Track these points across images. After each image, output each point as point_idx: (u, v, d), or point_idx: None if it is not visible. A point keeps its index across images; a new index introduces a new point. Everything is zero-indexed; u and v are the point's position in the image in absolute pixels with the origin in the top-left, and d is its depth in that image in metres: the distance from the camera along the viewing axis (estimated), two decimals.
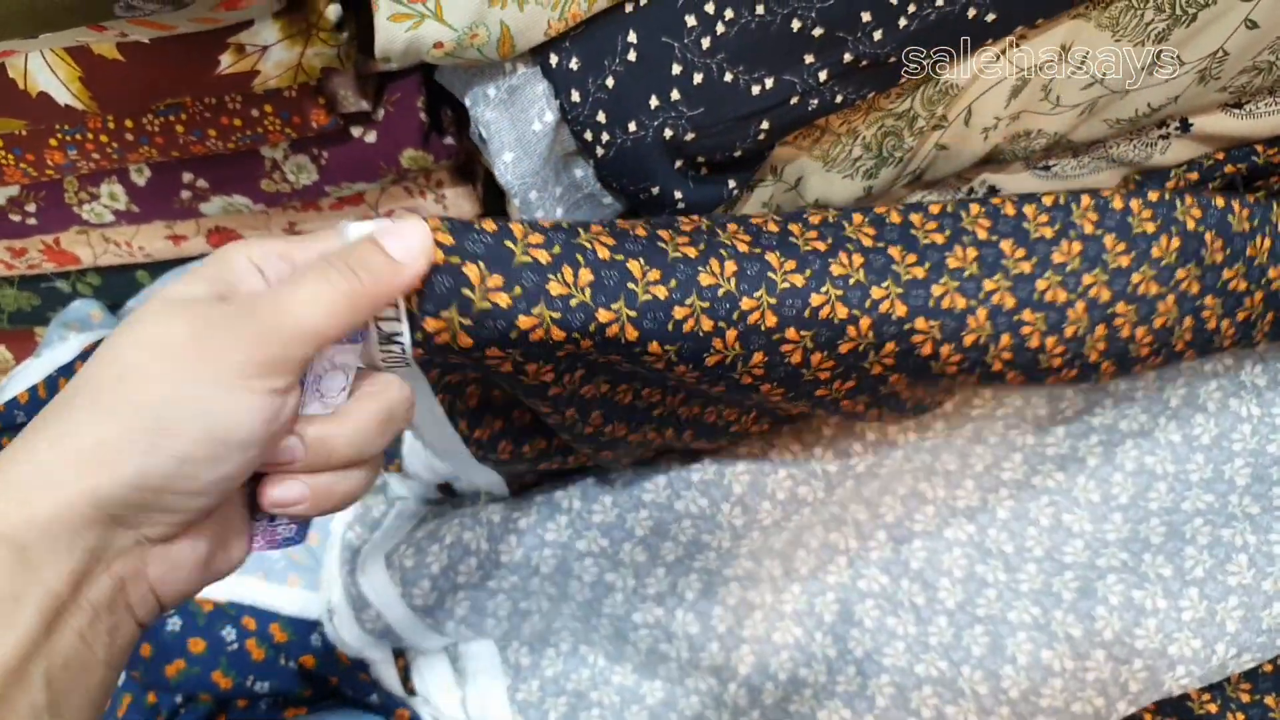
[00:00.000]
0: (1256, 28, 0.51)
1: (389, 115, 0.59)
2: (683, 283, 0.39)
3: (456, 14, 0.43)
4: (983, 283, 0.44)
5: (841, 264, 0.42)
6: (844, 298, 0.41)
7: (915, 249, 0.43)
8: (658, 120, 0.46)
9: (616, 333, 0.38)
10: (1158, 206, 0.46)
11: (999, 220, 0.45)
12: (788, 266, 0.41)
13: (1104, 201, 0.46)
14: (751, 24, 0.45)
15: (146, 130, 0.57)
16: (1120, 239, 0.46)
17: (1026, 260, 0.45)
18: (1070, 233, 0.45)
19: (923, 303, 0.43)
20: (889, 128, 0.52)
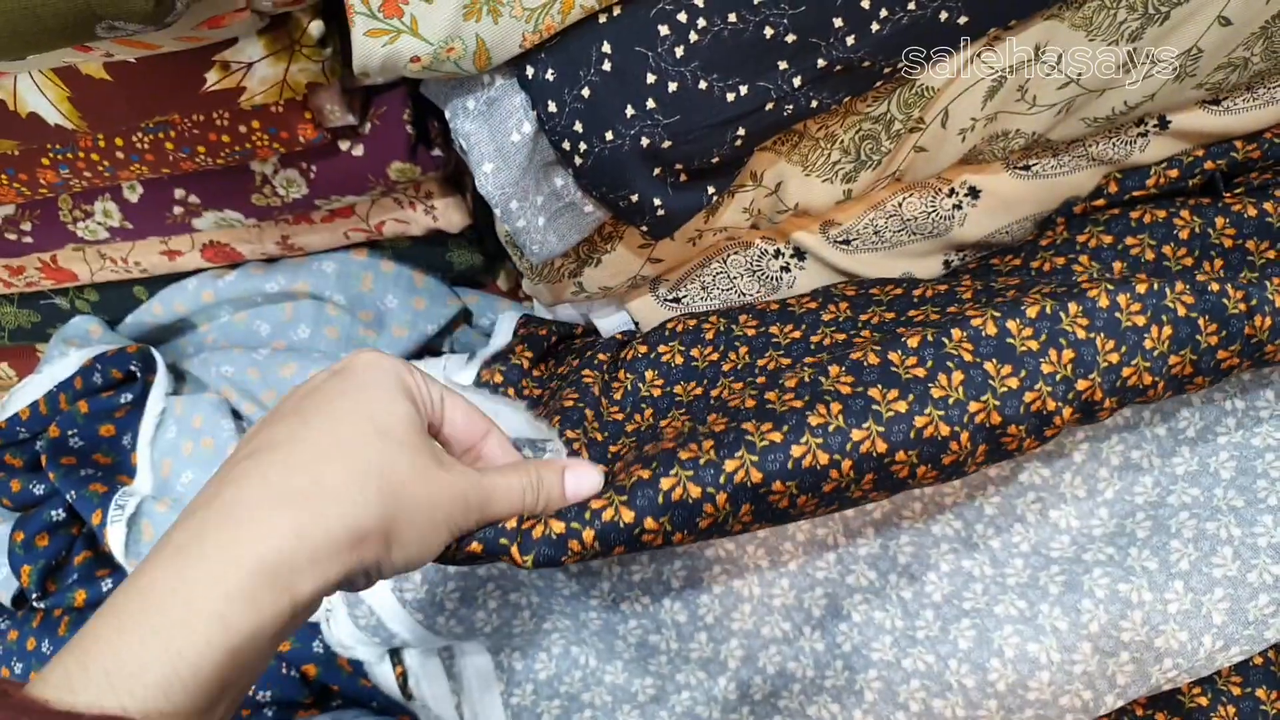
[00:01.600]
0: (1230, 24, 0.51)
1: (376, 129, 0.60)
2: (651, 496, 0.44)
3: (432, 28, 0.44)
4: (968, 406, 0.45)
5: (820, 414, 0.45)
6: (824, 445, 0.45)
7: (897, 385, 0.45)
8: (634, 129, 0.47)
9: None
10: (1146, 299, 0.47)
11: (980, 341, 0.46)
12: (765, 428, 0.45)
13: (1091, 303, 0.47)
14: (724, 32, 0.46)
15: (137, 148, 0.58)
16: (1110, 337, 0.46)
17: (1013, 376, 0.46)
18: (1061, 340, 0.46)
19: (903, 436, 0.45)
20: (866, 131, 0.52)
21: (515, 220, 0.50)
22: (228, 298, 0.72)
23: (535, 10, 0.44)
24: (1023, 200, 0.59)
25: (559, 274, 0.58)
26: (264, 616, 0.32)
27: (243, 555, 0.32)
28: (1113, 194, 0.59)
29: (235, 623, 0.31)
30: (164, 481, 0.66)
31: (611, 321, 0.64)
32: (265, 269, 0.71)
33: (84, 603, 0.65)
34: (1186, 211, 0.57)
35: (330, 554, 0.33)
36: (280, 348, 0.72)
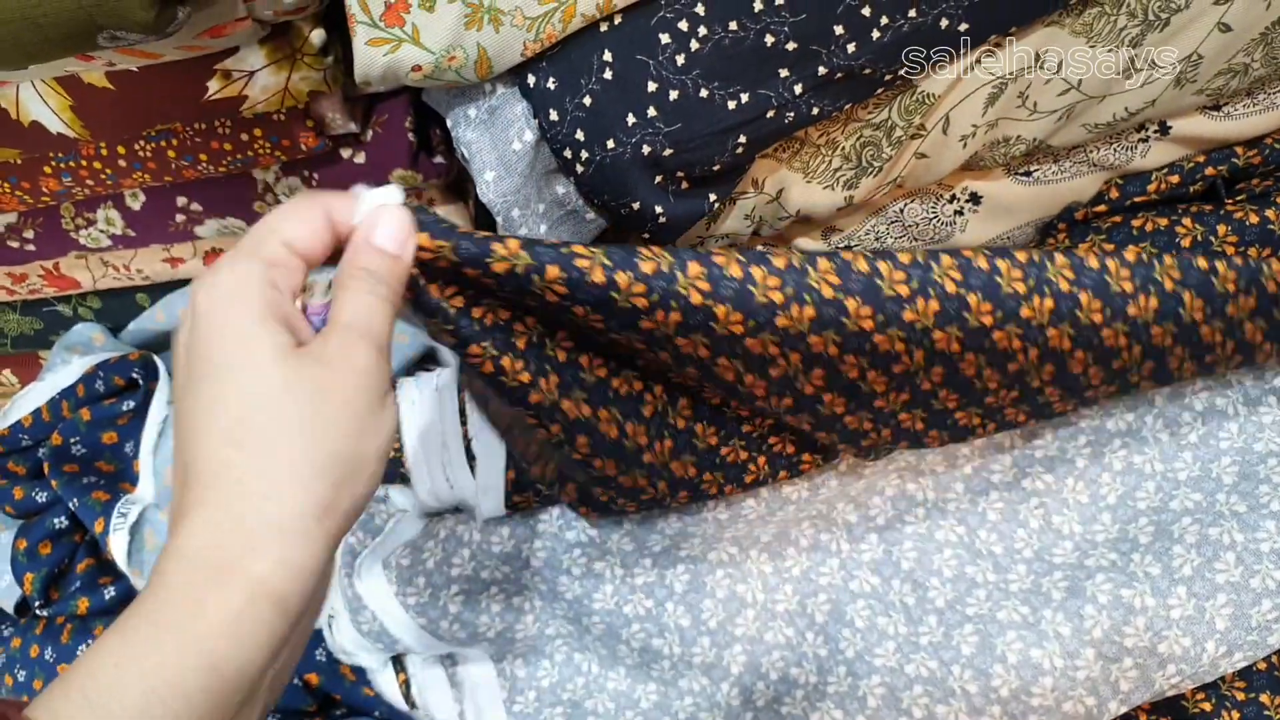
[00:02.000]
0: (1230, 30, 0.51)
1: (378, 136, 0.60)
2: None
3: (433, 38, 0.44)
4: (932, 334, 0.45)
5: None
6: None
7: (874, 300, 0.44)
8: (635, 137, 0.47)
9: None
10: (1136, 267, 0.47)
11: (970, 272, 0.46)
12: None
13: (1080, 260, 0.47)
14: (725, 40, 0.46)
15: (139, 156, 0.58)
16: (1096, 296, 0.46)
17: (990, 315, 0.45)
18: (1045, 289, 0.46)
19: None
20: (867, 138, 0.53)
21: (517, 228, 0.50)
22: None
23: (536, 19, 0.44)
24: (1024, 206, 0.59)
25: None
26: (242, 625, 0.31)
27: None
28: (1114, 200, 0.59)
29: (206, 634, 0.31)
30: (166, 489, 0.66)
31: None
32: None
33: (87, 610, 0.65)
34: (1188, 219, 0.57)
35: (284, 540, 0.32)
36: None
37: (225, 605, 0.31)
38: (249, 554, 0.32)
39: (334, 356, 0.35)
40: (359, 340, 0.35)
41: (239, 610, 0.31)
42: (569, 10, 0.43)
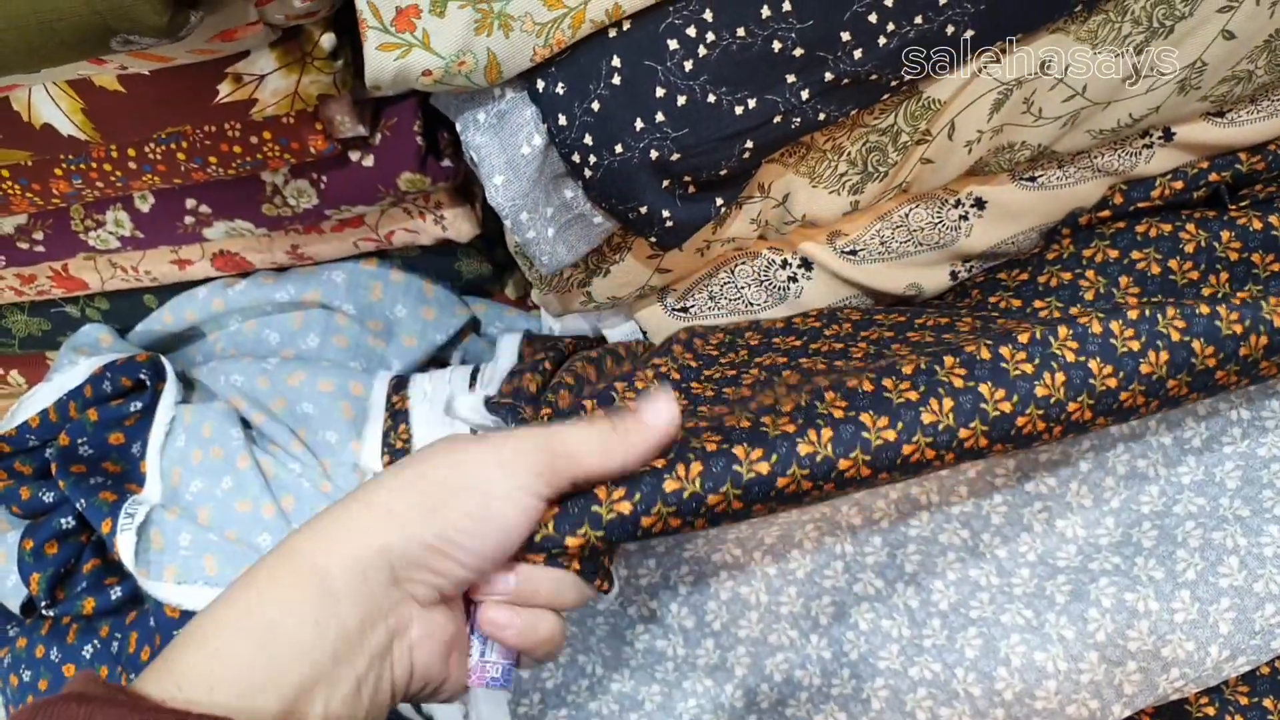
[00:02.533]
0: (1234, 38, 0.51)
1: (386, 139, 0.61)
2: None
3: (444, 42, 0.44)
4: (958, 432, 0.46)
5: (809, 442, 0.45)
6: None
7: (889, 411, 0.46)
8: (643, 142, 0.47)
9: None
10: (1139, 324, 0.47)
11: (975, 366, 0.47)
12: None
13: (1082, 329, 0.47)
14: (733, 46, 0.46)
15: (149, 158, 0.59)
16: (1106, 362, 0.46)
17: (1006, 401, 0.46)
18: (1052, 364, 0.46)
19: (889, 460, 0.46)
20: (873, 143, 0.53)
21: (525, 231, 0.50)
22: (238, 306, 0.72)
23: (546, 25, 0.44)
24: (1028, 211, 0.59)
25: (568, 284, 0.59)
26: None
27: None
28: (1118, 205, 0.59)
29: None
30: (173, 490, 0.66)
31: (620, 330, 0.65)
32: (275, 278, 0.71)
33: (93, 610, 0.65)
34: (1192, 225, 0.57)
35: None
36: (289, 357, 0.72)
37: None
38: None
39: (511, 444, 0.39)
40: (543, 445, 0.39)
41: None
42: (578, 16, 0.44)
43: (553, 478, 0.39)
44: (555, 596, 0.42)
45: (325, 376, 0.69)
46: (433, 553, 0.37)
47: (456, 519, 0.37)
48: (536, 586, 0.41)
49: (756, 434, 0.45)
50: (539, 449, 0.39)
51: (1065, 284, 0.58)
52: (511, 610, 0.41)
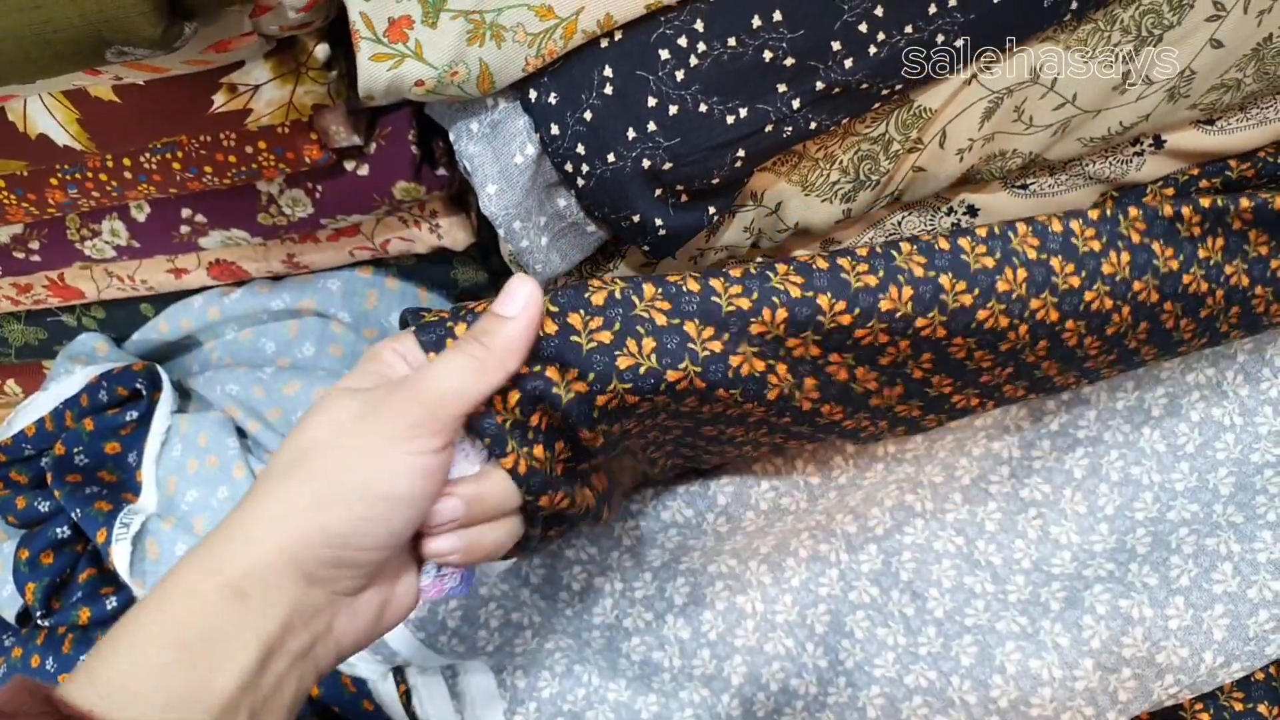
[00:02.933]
0: (1222, 47, 0.52)
1: (381, 149, 0.61)
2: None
3: (436, 53, 0.45)
4: (915, 321, 0.46)
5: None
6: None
7: (846, 295, 0.45)
8: (635, 151, 0.47)
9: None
10: (1100, 224, 0.47)
11: (934, 254, 0.46)
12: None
13: (1042, 226, 0.47)
14: (724, 56, 0.46)
15: (144, 168, 0.59)
16: (1068, 260, 0.46)
17: (968, 293, 0.46)
18: (1014, 259, 0.46)
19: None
20: (865, 152, 0.53)
21: (519, 240, 0.51)
22: (234, 315, 0.72)
23: (538, 35, 0.44)
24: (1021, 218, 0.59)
25: None
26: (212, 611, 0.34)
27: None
28: None
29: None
30: (169, 499, 0.66)
31: None
32: (271, 287, 0.72)
33: (88, 620, 0.65)
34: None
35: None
36: (285, 365, 0.72)
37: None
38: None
39: (388, 407, 0.38)
40: (416, 398, 0.38)
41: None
42: (570, 27, 0.44)
43: (439, 426, 0.38)
44: (499, 503, 0.41)
45: (321, 385, 0.69)
46: (341, 549, 0.36)
47: (356, 511, 0.36)
48: (484, 501, 0.40)
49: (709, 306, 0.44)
50: (414, 403, 0.38)
51: None
52: (455, 536, 0.40)
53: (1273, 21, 0.51)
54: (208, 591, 0.34)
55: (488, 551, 0.41)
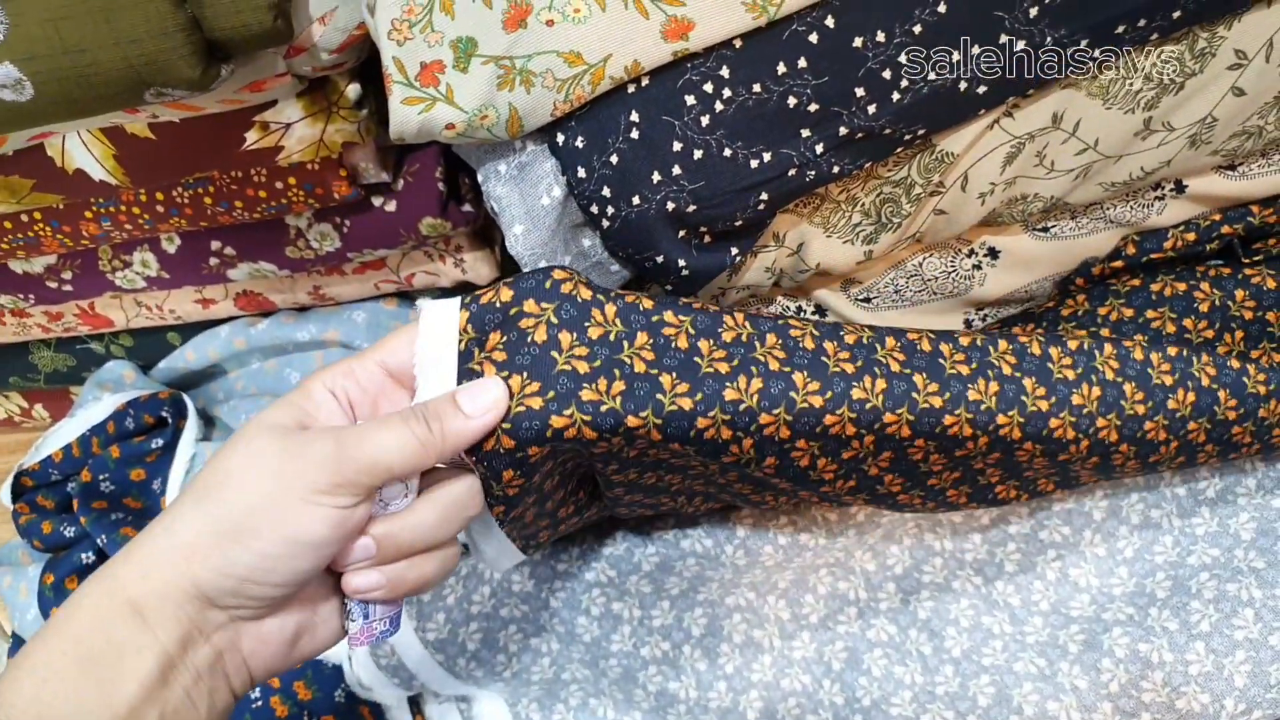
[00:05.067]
0: (1244, 94, 0.52)
1: (409, 185, 0.62)
2: (708, 396, 0.43)
3: (467, 97, 0.45)
4: (996, 417, 0.46)
5: (864, 388, 0.45)
6: (856, 420, 0.45)
7: (939, 378, 0.46)
8: (660, 193, 0.48)
9: (644, 433, 0.43)
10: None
11: (1024, 358, 0.47)
12: (810, 388, 0.44)
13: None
14: (749, 102, 0.47)
15: (176, 202, 0.60)
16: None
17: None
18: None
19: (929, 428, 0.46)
20: (887, 195, 0.54)
21: None
22: (259, 345, 0.73)
23: (566, 81, 0.45)
24: (1041, 261, 0.60)
25: None
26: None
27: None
28: (1131, 256, 0.60)
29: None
30: None
31: None
32: (297, 318, 0.72)
33: None
34: (1206, 284, 0.58)
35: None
36: None
37: None
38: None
39: (313, 455, 0.37)
40: (345, 456, 0.37)
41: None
42: (598, 73, 0.45)
43: (360, 489, 0.38)
44: (420, 540, 0.40)
45: None
46: (243, 583, 0.36)
47: (261, 548, 0.36)
48: (398, 543, 0.40)
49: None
50: (342, 461, 0.37)
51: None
52: (375, 571, 0.40)
53: None
54: (108, 609, 0.35)
55: (412, 587, 0.41)
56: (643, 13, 0.44)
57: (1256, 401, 0.50)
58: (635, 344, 0.43)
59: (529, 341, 0.42)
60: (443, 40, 0.45)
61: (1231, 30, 0.51)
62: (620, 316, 0.43)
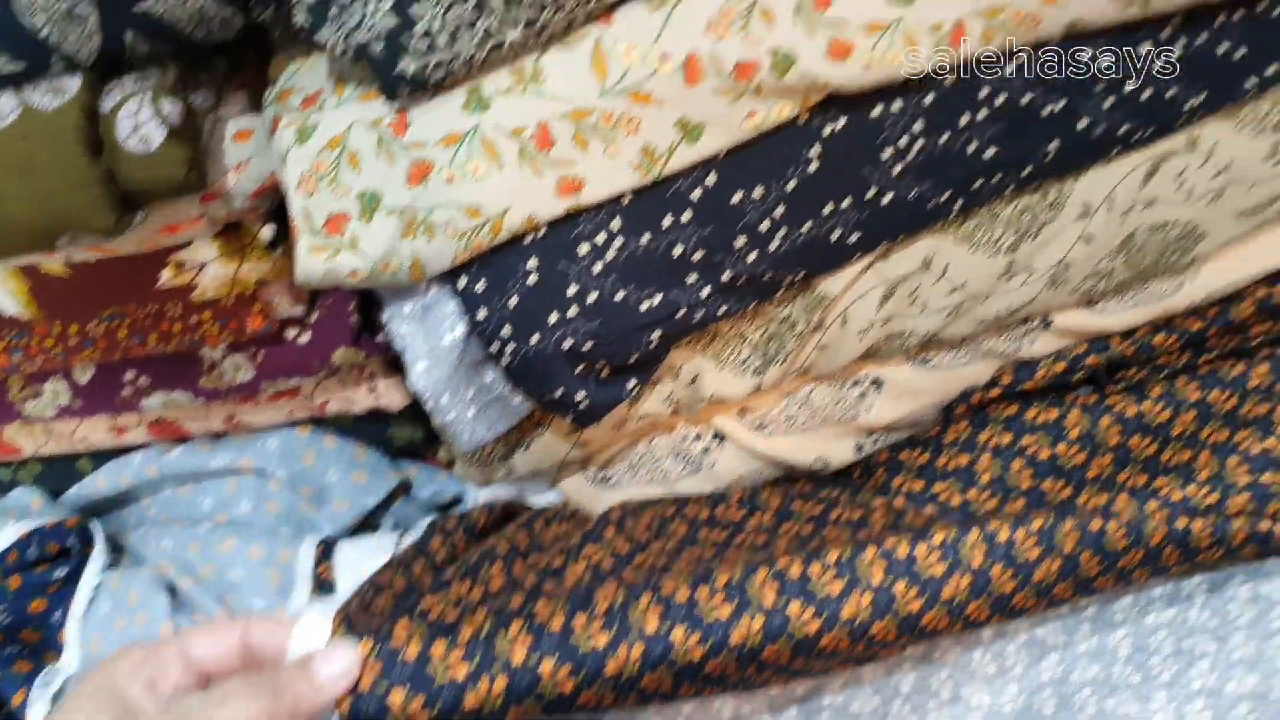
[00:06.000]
0: (1092, 241, 0.57)
1: (323, 317, 0.64)
2: (590, 674, 0.46)
3: (371, 246, 0.48)
4: (870, 627, 0.50)
5: (741, 630, 0.48)
6: (739, 659, 0.49)
7: (813, 602, 0.50)
8: (558, 333, 0.51)
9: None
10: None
11: (893, 561, 0.51)
12: (692, 640, 0.48)
13: (992, 534, 0.52)
14: (638, 250, 0.51)
15: (90, 335, 0.61)
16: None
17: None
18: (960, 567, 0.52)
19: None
20: (773, 332, 0.57)
21: (446, 414, 0.53)
22: (173, 472, 0.73)
23: (467, 231, 0.48)
24: (924, 390, 0.63)
25: (489, 458, 0.61)
26: None
27: None
28: (1007, 384, 0.64)
29: None
30: (93, 659, 0.66)
31: (543, 500, 0.67)
32: (211, 445, 0.73)
33: None
34: (1075, 411, 0.62)
35: None
36: (222, 522, 0.73)
37: None
38: None
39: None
40: None
41: None
42: (497, 225, 0.48)
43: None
44: None
45: (255, 543, 0.70)
46: None
47: None
48: None
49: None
50: None
51: (963, 467, 0.63)
52: None
53: (1133, 221, 0.57)
54: None
55: None
56: (537, 172, 0.47)
57: (1116, 555, 0.54)
58: (510, 634, 0.47)
59: (402, 658, 0.44)
60: (349, 193, 0.48)
61: (1078, 184, 0.56)
62: (495, 608, 0.48)
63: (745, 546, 0.59)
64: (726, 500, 0.63)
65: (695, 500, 0.64)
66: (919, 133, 0.51)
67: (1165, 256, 0.59)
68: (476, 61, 0.46)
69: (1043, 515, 0.53)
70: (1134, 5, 0.49)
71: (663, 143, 0.48)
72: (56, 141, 0.46)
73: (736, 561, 0.52)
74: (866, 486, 0.66)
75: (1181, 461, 0.63)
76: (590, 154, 0.48)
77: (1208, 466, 0.62)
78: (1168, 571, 0.59)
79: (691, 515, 0.63)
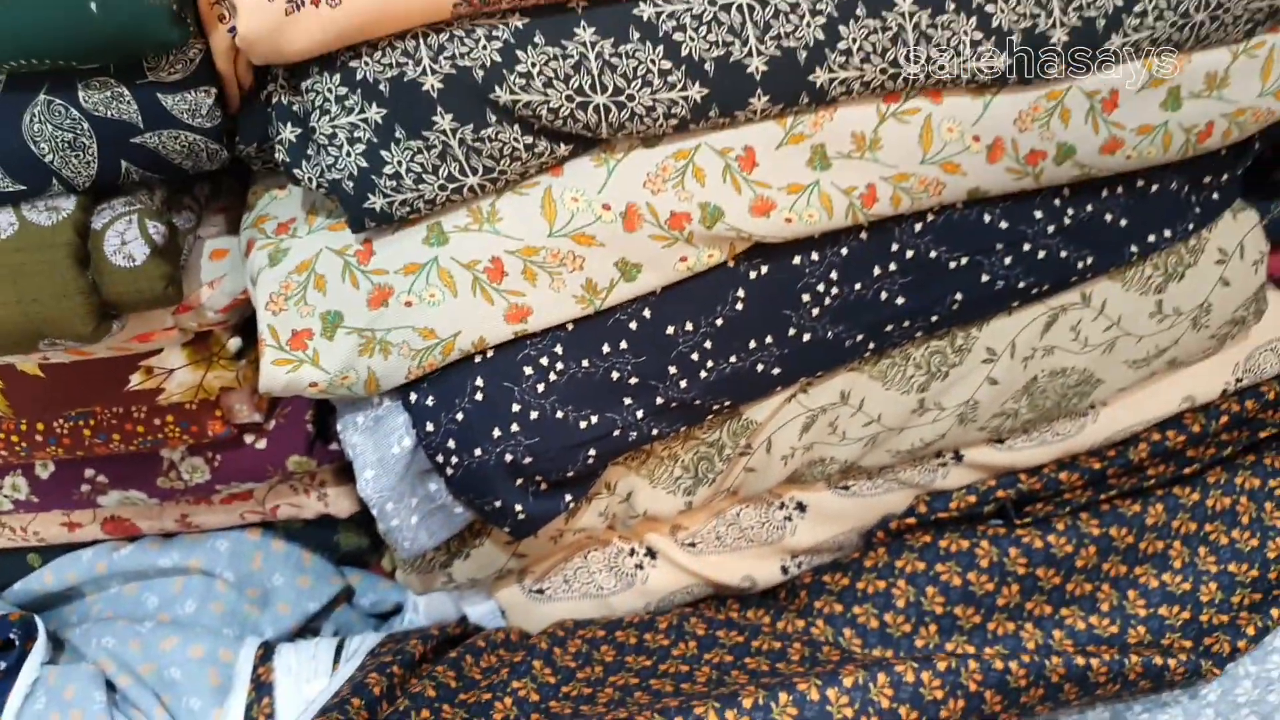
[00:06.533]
0: (997, 384, 0.63)
1: (280, 425, 0.67)
2: None
3: (330, 361, 0.52)
4: None
5: None
6: None
7: None
8: (500, 447, 0.55)
9: None
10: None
11: (805, 707, 0.56)
12: None
13: (898, 675, 0.57)
14: (579, 374, 0.55)
15: (55, 432, 0.64)
16: (914, 708, 0.56)
17: None
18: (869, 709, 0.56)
19: None
20: (703, 453, 0.62)
21: (390, 520, 0.57)
22: (121, 570, 0.75)
23: (420, 351, 0.53)
24: (845, 516, 0.68)
25: (430, 565, 0.64)
26: None
27: None
28: (922, 514, 0.68)
29: None
30: None
31: (480, 609, 0.70)
32: (161, 544, 0.75)
33: None
34: (985, 542, 0.67)
35: None
36: (165, 620, 0.75)
37: None
38: None
39: None
40: None
41: None
42: (448, 346, 0.53)
43: None
44: None
45: (197, 642, 0.71)
46: None
47: None
48: None
49: None
50: None
51: (880, 591, 0.67)
52: None
53: (1035, 367, 0.63)
54: None
55: None
56: (488, 300, 0.52)
57: (1018, 692, 0.58)
58: None
59: None
60: (313, 312, 0.53)
61: (983, 331, 0.62)
62: None
63: (670, 675, 0.62)
64: (654, 627, 0.66)
65: (624, 626, 0.67)
66: (835, 280, 0.57)
67: (1066, 400, 0.65)
68: (438, 201, 0.52)
69: (947, 658, 0.58)
70: (1027, 177, 0.55)
71: (604, 279, 0.53)
72: (48, 254, 0.50)
73: (658, 706, 0.55)
74: (791, 607, 0.69)
75: (1085, 593, 0.68)
76: (538, 286, 0.53)
77: (1108, 599, 0.67)
78: (1070, 705, 0.62)
79: (620, 640, 0.66)
